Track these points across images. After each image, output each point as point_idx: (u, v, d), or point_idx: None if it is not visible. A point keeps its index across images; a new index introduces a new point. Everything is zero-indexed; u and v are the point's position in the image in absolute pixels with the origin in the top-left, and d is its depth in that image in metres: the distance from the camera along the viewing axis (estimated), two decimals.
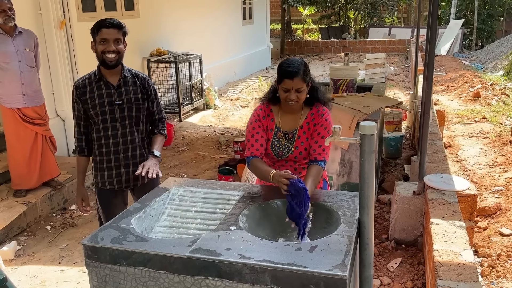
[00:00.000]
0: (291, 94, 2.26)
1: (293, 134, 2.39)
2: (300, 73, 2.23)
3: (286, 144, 2.40)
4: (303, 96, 2.30)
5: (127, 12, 7.18)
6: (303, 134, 2.38)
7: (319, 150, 2.32)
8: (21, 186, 4.35)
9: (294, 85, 2.24)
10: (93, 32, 2.47)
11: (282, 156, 2.41)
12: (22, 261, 3.66)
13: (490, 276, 3.10)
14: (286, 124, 2.41)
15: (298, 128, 2.38)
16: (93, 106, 2.54)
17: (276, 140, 2.41)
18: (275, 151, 2.41)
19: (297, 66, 2.24)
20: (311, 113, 2.38)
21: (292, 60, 2.30)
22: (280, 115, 2.41)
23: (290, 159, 2.41)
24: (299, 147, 2.38)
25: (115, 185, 2.69)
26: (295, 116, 2.40)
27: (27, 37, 4.18)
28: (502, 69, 11.68)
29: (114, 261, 1.81)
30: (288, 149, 2.39)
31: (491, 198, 4.29)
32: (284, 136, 2.40)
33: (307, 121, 2.38)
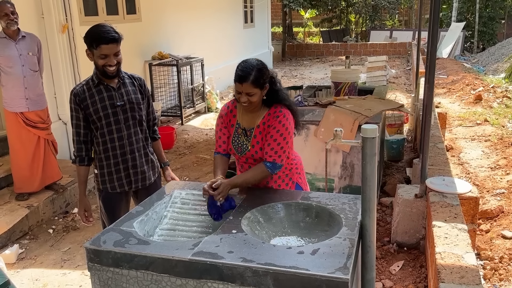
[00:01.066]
0: (242, 96, 2.28)
1: (251, 132, 2.40)
2: (249, 79, 2.22)
3: (244, 141, 2.42)
4: (254, 99, 2.28)
5: (129, 16, 7.21)
6: (259, 133, 2.38)
7: (271, 152, 2.32)
8: (23, 189, 4.36)
9: (243, 89, 2.25)
10: (90, 44, 2.43)
11: (241, 152, 2.43)
12: (25, 264, 3.66)
13: (493, 279, 3.10)
14: (246, 122, 2.43)
15: (255, 127, 2.39)
16: (95, 111, 2.54)
17: (236, 136, 2.44)
18: (235, 147, 2.44)
19: (248, 71, 2.23)
20: (268, 113, 2.38)
21: (246, 63, 2.27)
22: (242, 112, 2.43)
23: (250, 157, 2.42)
24: (255, 146, 2.38)
25: (126, 186, 2.69)
26: (254, 115, 2.41)
27: (31, 41, 4.20)
28: (503, 71, 11.68)
29: (116, 264, 1.82)
30: (245, 146, 2.41)
31: (493, 200, 4.28)
32: (243, 133, 2.42)
33: (264, 121, 2.38)
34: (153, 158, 2.82)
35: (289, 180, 2.54)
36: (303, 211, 2.16)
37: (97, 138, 2.61)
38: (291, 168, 2.53)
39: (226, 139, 2.48)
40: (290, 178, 2.54)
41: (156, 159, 2.86)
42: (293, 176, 2.56)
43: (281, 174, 2.49)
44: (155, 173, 2.83)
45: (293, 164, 2.54)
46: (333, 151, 4.20)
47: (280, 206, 2.18)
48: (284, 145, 2.32)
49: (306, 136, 4.27)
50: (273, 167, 2.32)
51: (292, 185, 2.56)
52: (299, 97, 4.32)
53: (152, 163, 2.80)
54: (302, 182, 2.64)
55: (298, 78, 13.18)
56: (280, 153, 2.32)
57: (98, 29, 2.42)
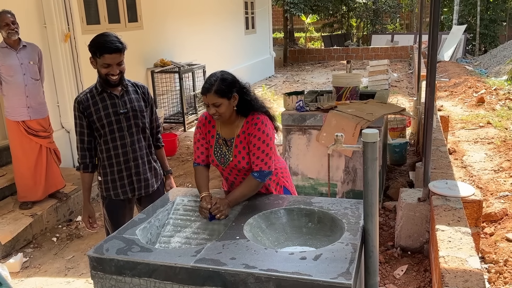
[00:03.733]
0: (209, 109, 2.26)
1: (231, 142, 2.38)
2: (212, 89, 2.21)
3: (225, 152, 2.40)
4: (222, 110, 2.25)
5: (130, 24, 7.25)
6: (239, 143, 2.36)
7: (257, 161, 2.31)
8: (27, 198, 4.37)
9: (209, 100, 2.23)
10: (94, 53, 2.45)
11: (224, 163, 2.41)
12: (29, 273, 3.67)
13: (498, 283, 3.08)
14: (225, 132, 2.41)
15: (235, 137, 2.37)
16: (98, 118, 2.56)
17: (218, 147, 2.42)
18: (218, 158, 2.42)
19: (211, 82, 2.23)
20: (246, 121, 2.36)
21: (211, 75, 2.28)
22: (220, 122, 2.40)
23: (234, 167, 2.41)
24: (237, 156, 2.37)
25: (129, 193, 2.70)
26: (232, 126, 2.39)
27: (31, 50, 4.23)
28: (506, 73, 11.66)
29: (119, 272, 1.82)
30: (227, 157, 2.39)
31: (497, 203, 4.27)
32: (224, 143, 2.40)
33: (243, 130, 2.36)
34: (156, 165, 2.83)
35: (276, 185, 2.55)
36: (305, 216, 2.16)
37: (101, 145, 2.62)
38: (277, 173, 2.55)
39: (205, 150, 2.46)
40: (277, 183, 2.56)
41: (159, 166, 2.87)
42: (279, 181, 2.57)
43: (269, 182, 2.49)
44: (158, 180, 2.84)
45: (278, 169, 2.56)
46: (336, 156, 4.20)
47: (282, 211, 2.19)
48: (268, 151, 2.32)
49: (308, 141, 4.27)
50: (261, 176, 2.30)
51: (280, 190, 2.58)
52: (301, 102, 4.33)
53: (155, 171, 2.81)
54: (289, 185, 2.66)
55: (300, 83, 13.19)
56: (266, 160, 2.31)
57: (103, 38, 2.44)
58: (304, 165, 4.35)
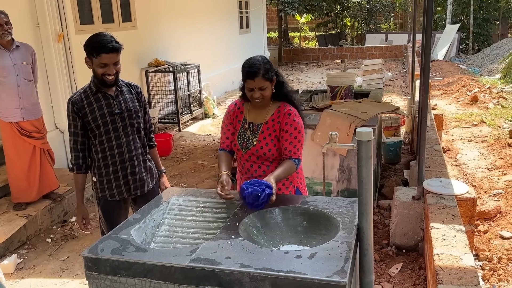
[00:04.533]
0: (255, 92, 2.34)
1: (258, 127, 2.45)
2: (260, 73, 2.30)
3: (250, 136, 2.46)
4: (267, 93, 2.36)
5: (124, 23, 7.23)
6: (266, 129, 2.42)
7: (294, 149, 2.39)
8: (21, 199, 4.35)
9: (256, 84, 2.32)
10: (90, 53, 2.44)
11: (246, 147, 2.46)
12: (23, 274, 3.65)
13: (492, 280, 3.10)
14: (253, 117, 2.48)
15: (263, 123, 2.44)
16: (94, 119, 2.55)
17: (242, 131, 2.49)
18: (240, 142, 2.48)
19: (257, 66, 2.30)
20: (278, 110, 2.44)
21: (253, 59, 2.36)
22: (249, 108, 2.50)
23: (254, 154, 2.45)
24: (261, 141, 2.42)
25: (125, 194, 2.70)
26: (262, 111, 2.47)
27: (25, 51, 4.20)
28: (499, 72, 11.74)
29: (114, 272, 1.81)
30: (251, 141, 2.45)
31: (491, 201, 4.29)
32: (249, 127, 2.47)
33: (273, 118, 2.44)
34: (151, 165, 2.83)
35: (289, 184, 2.55)
36: (300, 215, 2.17)
37: (96, 146, 2.61)
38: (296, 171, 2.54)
39: (230, 135, 2.53)
40: (291, 182, 2.56)
41: (153, 166, 2.87)
42: (293, 180, 2.57)
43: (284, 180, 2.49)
44: (153, 180, 2.84)
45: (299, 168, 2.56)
46: (330, 155, 4.21)
47: (277, 210, 2.18)
48: (300, 139, 2.41)
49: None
50: (298, 163, 2.41)
51: (292, 190, 2.57)
52: None
53: (150, 170, 2.81)
54: (302, 188, 2.65)
55: (295, 82, 13.20)
56: (300, 149, 2.42)
57: (99, 38, 2.43)
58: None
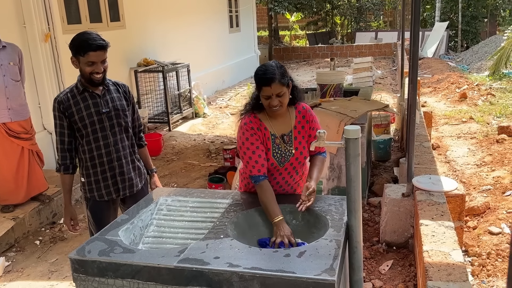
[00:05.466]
0: (273, 100, 2.20)
1: (290, 136, 2.34)
2: (276, 78, 2.17)
3: (286, 148, 2.33)
4: (285, 100, 2.24)
5: (112, 23, 7.17)
6: (298, 133, 2.36)
7: None
8: (8, 201, 4.29)
9: (273, 91, 2.18)
10: (77, 52, 2.41)
11: (284, 162, 2.33)
12: (11, 277, 3.60)
13: (481, 275, 3.12)
14: (279, 129, 2.34)
15: (293, 129, 2.35)
16: (80, 118, 2.52)
17: (276, 147, 2.32)
18: (277, 159, 2.32)
19: (273, 72, 2.18)
20: (298, 111, 2.38)
21: (267, 65, 2.24)
22: (270, 121, 2.32)
23: (292, 164, 2.36)
24: (298, 147, 2.35)
25: (113, 194, 2.67)
26: (285, 119, 2.36)
27: (11, 51, 4.14)
28: (487, 69, 11.83)
29: (101, 274, 1.80)
30: (289, 152, 2.33)
31: (479, 197, 4.32)
32: (283, 140, 2.33)
33: (299, 120, 2.37)
34: (139, 165, 2.80)
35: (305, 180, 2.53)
36: (289, 214, 2.16)
37: (83, 146, 2.58)
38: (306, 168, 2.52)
39: (265, 156, 2.29)
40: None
41: (142, 166, 2.85)
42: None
43: (303, 177, 2.48)
44: (142, 180, 2.81)
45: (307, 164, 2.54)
46: None
47: None
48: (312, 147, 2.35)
49: None
50: (325, 156, 2.44)
51: None
52: None
53: (139, 170, 2.79)
54: None
55: None
56: None
57: (85, 36, 2.41)
58: None
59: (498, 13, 22.17)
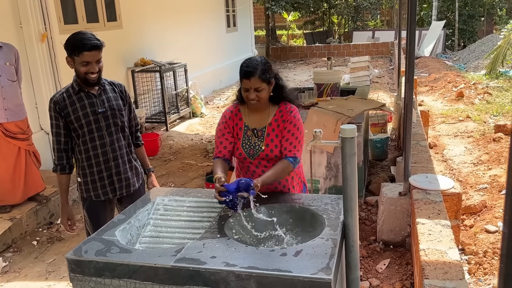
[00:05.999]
0: (250, 93, 2.28)
1: (262, 132, 2.38)
2: (257, 73, 2.23)
3: (256, 142, 2.39)
4: (263, 95, 2.29)
5: (109, 23, 7.16)
6: (272, 131, 2.37)
7: (290, 147, 2.33)
8: (5, 202, 4.29)
9: (252, 84, 2.25)
10: (72, 52, 2.41)
11: (253, 155, 2.39)
12: (8, 278, 3.60)
13: (478, 274, 3.13)
14: (255, 122, 2.41)
15: (267, 126, 2.38)
16: (76, 118, 2.52)
17: (246, 139, 2.40)
18: (246, 150, 2.40)
19: (254, 66, 2.24)
20: (279, 110, 2.39)
21: (251, 59, 2.30)
22: (248, 113, 2.42)
23: (263, 159, 2.40)
24: (269, 144, 2.37)
25: (110, 194, 2.67)
26: (262, 114, 2.40)
27: (8, 51, 4.13)
28: (484, 68, 11.86)
29: (98, 274, 1.80)
30: (258, 147, 2.38)
31: (476, 196, 4.34)
32: (254, 134, 2.39)
33: (276, 119, 2.38)
34: (136, 164, 2.80)
35: (298, 179, 2.56)
36: (286, 213, 2.17)
37: (79, 146, 2.58)
38: (299, 167, 2.55)
39: (228, 144, 2.41)
40: (299, 177, 2.57)
41: (139, 165, 2.85)
42: (301, 175, 2.59)
43: (294, 175, 2.50)
44: (139, 180, 2.81)
45: (301, 164, 2.56)
46: (317, 152, 4.21)
47: (263, 209, 2.18)
48: (301, 140, 2.35)
49: None
50: (294, 162, 2.33)
51: (301, 184, 2.59)
52: None
53: (136, 170, 2.79)
54: (305, 181, 2.68)
55: None
56: (298, 147, 2.34)
57: (80, 36, 2.41)
58: None
59: (495, 12, 22.23)
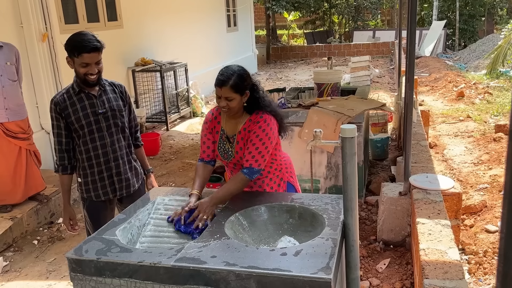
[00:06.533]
0: (221, 101, 2.29)
1: (233, 138, 2.41)
2: (228, 83, 2.23)
3: (228, 148, 2.43)
4: (233, 105, 2.28)
5: (110, 23, 7.17)
6: (241, 139, 2.38)
7: (248, 157, 2.31)
8: (6, 201, 4.29)
9: (222, 93, 2.26)
10: (71, 52, 2.41)
11: (227, 158, 2.44)
12: (9, 277, 3.61)
13: (478, 273, 3.13)
14: (229, 128, 2.44)
15: (237, 133, 2.40)
16: (77, 119, 2.53)
17: (222, 143, 2.45)
18: (221, 153, 2.46)
19: (228, 76, 2.24)
20: (250, 119, 2.38)
21: (228, 68, 2.30)
22: (226, 119, 2.44)
23: (237, 163, 2.44)
24: (239, 152, 2.39)
25: (110, 194, 2.68)
26: (236, 122, 2.42)
27: (8, 51, 4.14)
28: (484, 68, 11.86)
29: (99, 273, 1.80)
30: (230, 153, 2.42)
31: (476, 195, 4.34)
32: (227, 139, 2.43)
33: (245, 127, 2.38)
34: (136, 165, 2.81)
35: (280, 180, 2.56)
36: (286, 212, 2.17)
37: (80, 146, 2.59)
38: (281, 169, 2.56)
39: (211, 144, 2.48)
40: (281, 178, 2.57)
41: (139, 166, 2.85)
42: (283, 176, 2.58)
43: (272, 176, 2.51)
44: (139, 180, 2.82)
45: (282, 165, 2.57)
46: (318, 152, 4.22)
47: (263, 208, 2.19)
48: (262, 150, 2.31)
49: (291, 138, 4.28)
50: (250, 173, 2.28)
51: (283, 185, 2.58)
52: (282, 99, 4.34)
53: (136, 170, 2.79)
54: (294, 181, 2.66)
55: (283, 80, 13.21)
56: (258, 157, 2.30)
57: (80, 37, 2.41)
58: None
59: (496, 12, 22.22)
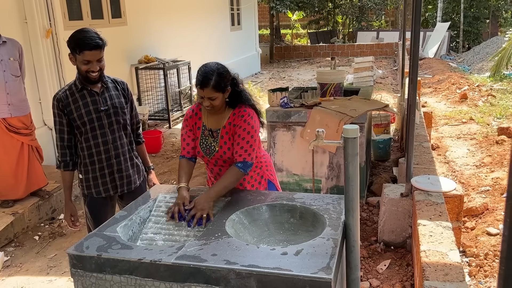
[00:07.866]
0: (204, 101, 2.31)
1: (217, 133, 2.43)
2: (210, 84, 2.24)
3: (212, 142, 2.44)
4: (217, 103, 2.31)
5: (114, 20, 7.17)
6: (225, 134, 2.41)
7: (240, 151, 2.34)
8: (8, 196, 4.30)
9: (205, 94, 2.27)
10: (73, 49, 2.42)
11: (210, 154, 2.45)
12: (10, 272, 3.62)
13: (478, 276, 3.13)
14: (212, 123, 2.45)
15: (221, 128, 2.42)
16: (79, 116, 2.53)
17: (204, 138, 2.46)
18: (203, 149, 2.46)
19: (208, 76, 2.25)
20: (233, 113, 2.41)
21: (206, 67, 2.30)
22: (207, 114, 2.45)
23: (219, 159, 2.44)
24: (223, 146, 2.41)
25: (111, 191, 2.69)
26: (219, 117, 2.44)
27: (12, 46, 4.15)
28: (488, 70, 11.83)
29: (99, 269, 1.80)
30: (213, 147, 2.43)
31: (478, 198, 4.33)
32: (210, 134, 2.44)
33: (229, 122, 2.41)
34: (138, 162, 2.81)
35: (261, 178, 2.59)
36: (287, 212, 2.17)
37: (82, 143, 2.59)
38: (261, 166, 2.58)
39: (191, 142, 2.49)
40: (262, 176, 2.59)
41: (141, 163, 2.86)
42: (264, 174, 2.60)
43: (252, 174, 2.53)
44: (140, 177, 2.83)
45: (262, 162, 2.59)
46: (320, 152, 4.21)
47: (264, 207, 2.19)
48: (252, 143, 2.35)
49: (293, 137, 4.28)
50: (244, 166, 2.32)
51: (264, 183, 2.61)
52: (285, 99, 4.34)
53: (137, 167, 2.80)
54: (274, 179, 2.69)
55: (286, 80, 13.20)
56: (250, 151, 2.34)
57: (82, 35, 2.41)
58: (289, 162, 4.36)
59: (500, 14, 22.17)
